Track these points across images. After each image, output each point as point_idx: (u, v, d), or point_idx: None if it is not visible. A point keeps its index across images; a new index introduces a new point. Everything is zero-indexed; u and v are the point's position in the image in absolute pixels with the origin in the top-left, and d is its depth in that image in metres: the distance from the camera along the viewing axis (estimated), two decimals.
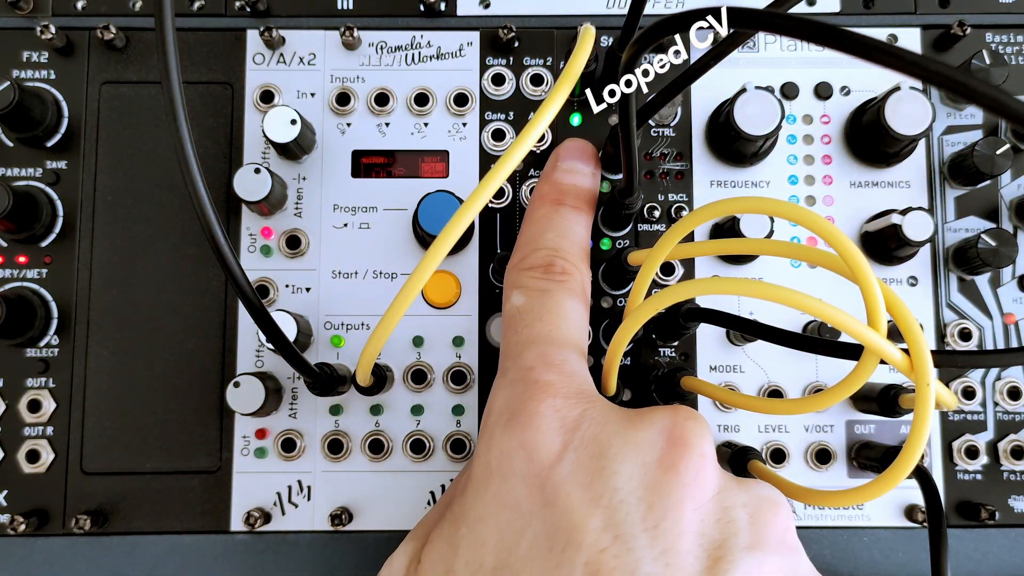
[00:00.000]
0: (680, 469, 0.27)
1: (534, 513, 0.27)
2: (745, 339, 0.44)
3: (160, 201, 0.45)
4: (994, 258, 0.42)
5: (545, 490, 0.27)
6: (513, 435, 0.29)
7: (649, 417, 0.29)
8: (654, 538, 0.25)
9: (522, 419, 0.29)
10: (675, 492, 0.26)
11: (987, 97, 0.18)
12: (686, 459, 0.27)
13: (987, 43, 0.47)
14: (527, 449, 0.28)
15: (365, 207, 0.45)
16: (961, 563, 0.44)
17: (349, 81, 0.46)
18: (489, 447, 0.30)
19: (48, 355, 0.44)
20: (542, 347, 0.32)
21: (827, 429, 0.44)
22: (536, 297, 0.35)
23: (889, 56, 0.18)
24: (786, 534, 0.29)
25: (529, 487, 0.27)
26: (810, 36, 0.20)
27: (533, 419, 0.29)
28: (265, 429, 0.44)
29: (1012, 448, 0.44)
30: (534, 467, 0.28)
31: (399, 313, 0.32)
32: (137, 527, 0.43)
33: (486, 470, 0.29)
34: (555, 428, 0.28)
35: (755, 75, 0.46)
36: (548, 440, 0.28)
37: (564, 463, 0.27)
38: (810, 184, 0.46)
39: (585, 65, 0.43)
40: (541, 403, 0.29)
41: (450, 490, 0.36)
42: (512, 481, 0.28)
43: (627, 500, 0.26)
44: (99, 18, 0.46)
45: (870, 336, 0.28)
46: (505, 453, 0.28)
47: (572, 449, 0.28)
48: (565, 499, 0.27)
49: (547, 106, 0.31)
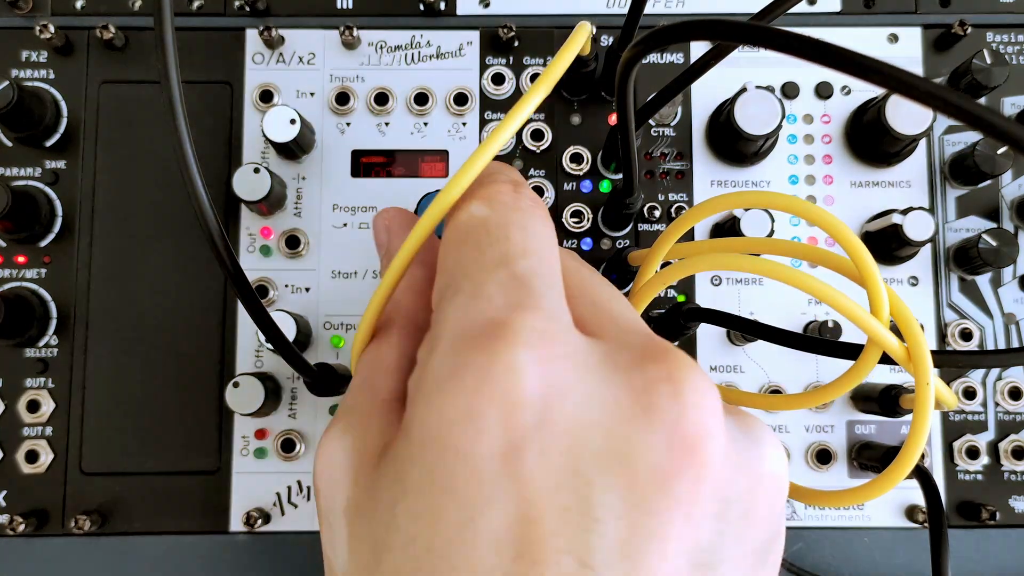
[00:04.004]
0: (677, 486, 0.21)
1: (476, 508, 0.21)
2: (745, 339, 0.44)
3: (159, 201, 0.45)
4: (995, 258, 0.42)
5: (492, 484, 0.21)
6: (462, 396, 0.21)
7: (653, 409, 0.21)
8: (629, 571, 0.20)
9: (480, 374, 0.21)
10: (666, 512, 0.21)
11: (982, 120, 0.18)
12: (689, 471, 0.21)
13: (988, 43, 0.47)
14: (478, 424, 0.21)
15: (365, 207, 0.45)
16: (962, 563, 0.43)
17: (349, 81, 0.46)
18: (431, 402, 0.22)
19: (47, 355, 0.44)
20: (515, 269, 0.24)
21: (827, 429, 0.44)
22: (504, 211, 0.26)
23: (880, 75, 0.18)
24: (775, 517, 0.25)
25: (471, 474, 0.21)
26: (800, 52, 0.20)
27: (495, 381, 0.21)
28: (265, 429, 0.44)
29: (1013, 448, 0.44)
30: (483, 449, 0.21)
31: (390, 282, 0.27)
32: (137, 527, 0.43)
33: (423, 432, 0.22)
34: (521, 401, 0.21)
35: (755, 75, 0.46)
36: (512, 416, 0.21)
37: (528, 454, 0.21)
38: (811, 184, 0.46)
39: (584, 64, 0.43)
40: (510, 356, 0.21)
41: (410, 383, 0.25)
42: (451, 459, 0.21)
43: (604, 519, 0.20)
44: (98, 17, 0.46)
45: (874, 325, 0.28)
46: (447, 421, 0.21)
47: (540, 436, 0.21)
48: (522, 500, 0.20)
49: (531, 94, 0.28)
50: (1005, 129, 0.18)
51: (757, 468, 0.24)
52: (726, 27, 0.22)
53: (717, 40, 0.28)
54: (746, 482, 0.23)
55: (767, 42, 0.21)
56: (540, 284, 0.24)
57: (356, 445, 0.25)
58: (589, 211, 0.45)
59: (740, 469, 0.23)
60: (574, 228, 0.45)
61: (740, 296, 0.45)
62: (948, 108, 0.18)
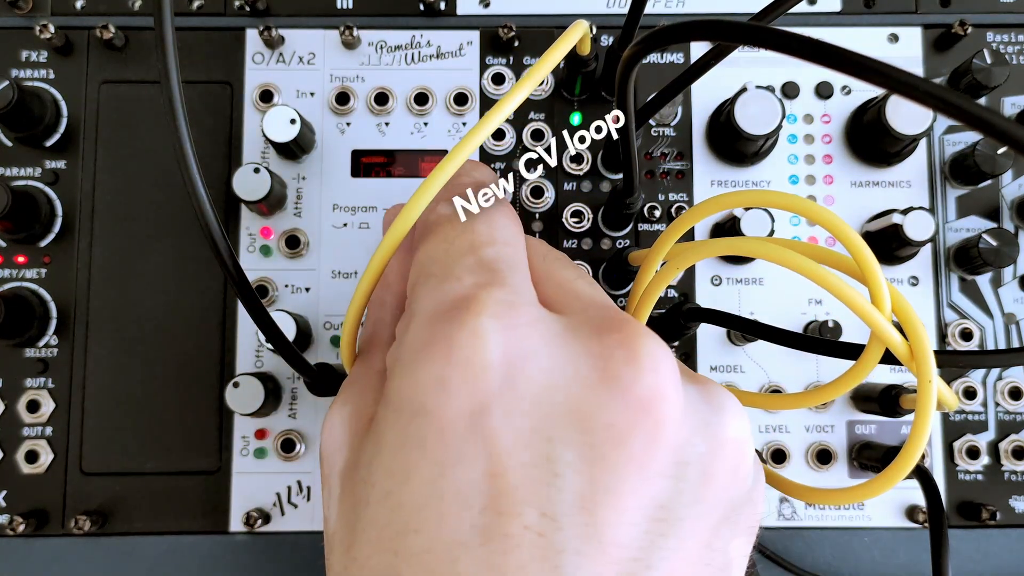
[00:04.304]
0: (632, 443, 0.22)
1: (446, 465, 0.22)
2: (745, 339, 0.44)
3: (159, 201, 0.45)
4: (995, 258, 0.42)
5: (460, 443, 0.22)
6: (433, 363, 0.23)
7: (610, 373, 0.23)
8: (587, 522, 0.22)
9: (448, 342, 0.23)
10: (622, 468, 0.22)
11: (981, 121, 0.18)
12: (643, 430, 0.23)
13: (988, 42, 0.47)
14: (447, 387, 0.23)
15: (365, 207, 0.45)
16: (962, 563, 0.43)
17: (349, 80, 0.46)
18: (405, 371, 0.24)
19: (47, 355, 0.44)
20: (482, 255, 0.26)
21: (828, 429, 0.44)
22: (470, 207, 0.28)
23: (880, 76, 0.18)
24: (739, 481, 0.25)
25: (441, 434, 0.22)
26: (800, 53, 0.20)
27: (461, 347, 0.23)
28: (265, 429, 0.44)
29: (1013, 448, 0.44)
30: (451, 411, 0.22)
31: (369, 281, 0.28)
32: (136, 527, 0.43)
33: (399, 398, 0.24)
34: (485, 364, 0.23)
35: (756, 74, 0.46)
36: (477, 379, 0.22)
37: (493, 414, 0.22)
38: (811, 184, 0.46)
39: (584, 64, 0.43)
40: (475, 324, 0.23)
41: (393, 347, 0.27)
42: (422, 421, 0.23)
43: (563, 474, 0.22)
44: (98, 17, 0.46)
45: (878, 318, 0.28)
46: (420, 386, 0.23)
47: (504, 398, 0.22)
48: (488, 457, 0.22)
49: (517, 87, 0.28)
50: (1004, 129, 0.18)
51: (718, 433, 0.25)
52: (726, 28, 0.22)
53: (717, 41, 0.28)
54: (705, 446, 0.24)
55: (767, 43, 0.21)
56: (505, 267, 0.26)
57: (352, 412, 0.27)
58: (589, 211, 0.45)
59: (698, 432, 0.24)
60: (574, 228, 0.45)
61: (740, 296, 0.45)
62: (947, 108, 0.18)
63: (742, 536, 0.26)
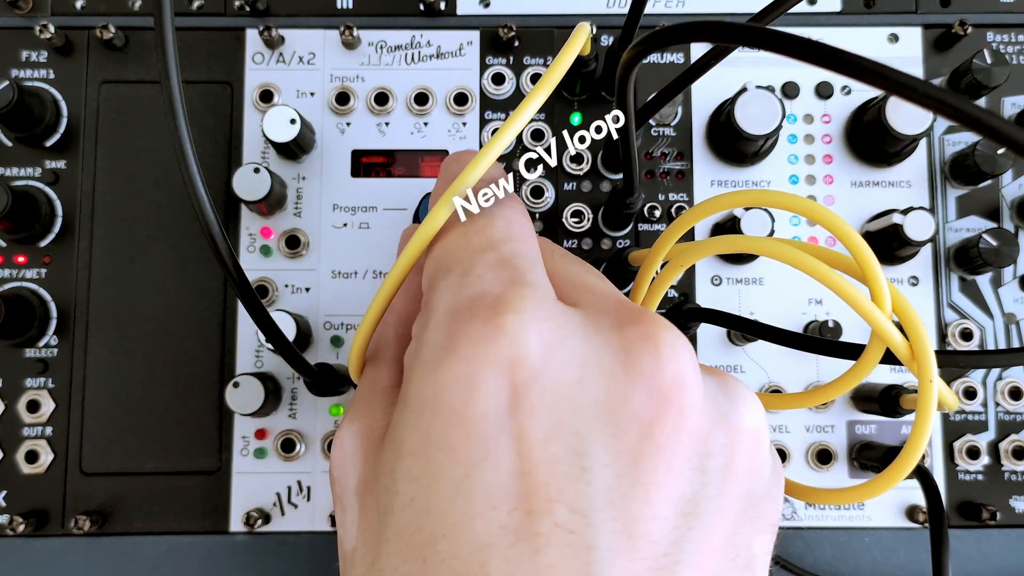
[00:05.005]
0: (657, 434, 0.22)
1: (472, 464, 0.22)
2: (746, 339, 0.44)
3: (159, 201, 0.45)
4: (995, 258, 0.42)
5: (487, 441, 0.22)
6: (459, 361, 0.23)
7: (633, 365, 0.23)
8: (617, 517, 0.21)
9: (476, 340, 0.23)
10: (649, 460, 0.22)
11: (980, 122, 0.17)
12: (668, 419, 0.23)
13: (988, 42, 0.47)
14: (474, 385, 0.22)
15: (365, 207, 0.45)
16: (962, 563, 0.43)
17: (349, 80, 0.46)
18: (427, 371, 0.23)
19: (47, 355, 0.44)
20: (501, 252, 0.26)
21: (828, 429, 0.44)
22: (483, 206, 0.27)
23: (879, 77, 0.18)
24: (757, 471, 0.25)
25: (467, 433, 0.22)
26: (799, 54, 0.20)
27: (492, 345, 0.22)
28: (265, 429, 0.44)
29: (1013, 448, 0.44)
30: (478, 409, 0.22)
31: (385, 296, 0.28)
32: (136, 528, 0.43)
33: (419, 399, 0.23)
34: (516, 361, 0.22)
35: (756, 74, 0.46)
36: (505, 377, 0.22)
37: (522, 411, 0.22)
38: (811, 184, 0.46)
39: (584, 64, 0.43)
40: (506, 322, 0.23)
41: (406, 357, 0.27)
42: (446, 420, 0.22)
43: (592, 468, 0.22)
44: (98, 17, 0.46)
45: (879, 317, 0.28)
46: (443, 386, 0.23)
47: (531, 395, 0.22)
48: (516, 455, 0.22)
49: (532, 97, 0.28)
50: (1002, 131, 0.18)
51: (735, 423, 0.25)
52: (726, 28, 0.22)
53: (717, 42, 0.28)
54: (725, 437, 0.24)
55: (767, 44, 0.21)
56: (524, 263, 0.26)
57: (362, 429, 0.26)
58: (589, 211, 0.45)
59: (718, 424, 0.25)
60: (574, 228, 0.45)
61: (740, 296, 0.45)
62: (945, 110, 0.18)
63: (765, 534, 0.26)
